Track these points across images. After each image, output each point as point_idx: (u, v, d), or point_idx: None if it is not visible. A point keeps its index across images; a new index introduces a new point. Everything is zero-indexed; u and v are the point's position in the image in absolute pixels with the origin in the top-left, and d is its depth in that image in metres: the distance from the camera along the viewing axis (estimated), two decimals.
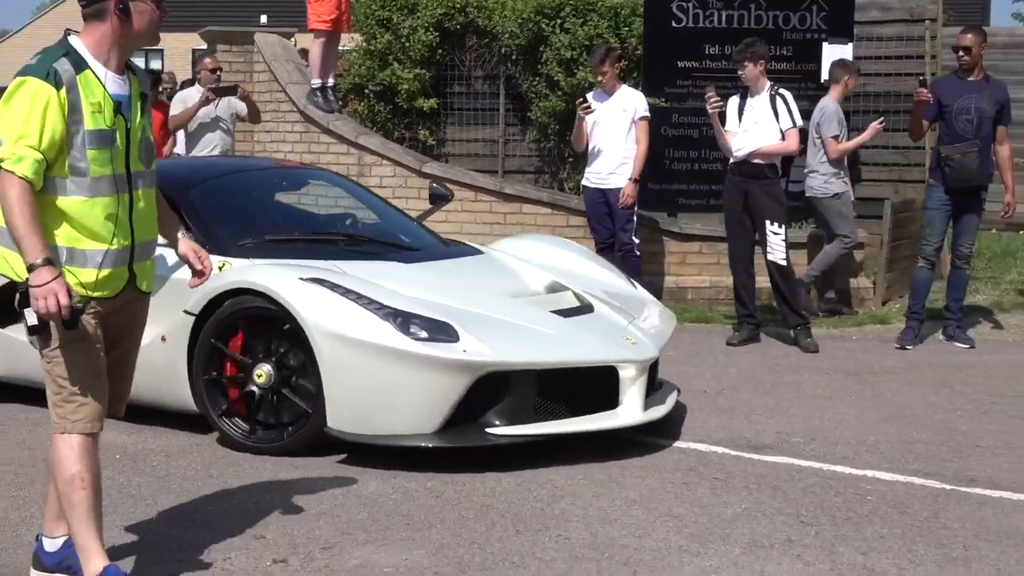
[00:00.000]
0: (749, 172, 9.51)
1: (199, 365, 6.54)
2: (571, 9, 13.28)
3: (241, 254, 6.90)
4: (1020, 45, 15.60)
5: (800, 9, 11.33)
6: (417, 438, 6.15)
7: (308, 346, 6.18)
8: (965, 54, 9.65)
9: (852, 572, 4.94)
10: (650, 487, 5.96)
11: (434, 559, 4.98)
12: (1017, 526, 5.52)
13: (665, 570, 4.93)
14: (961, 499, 5.88)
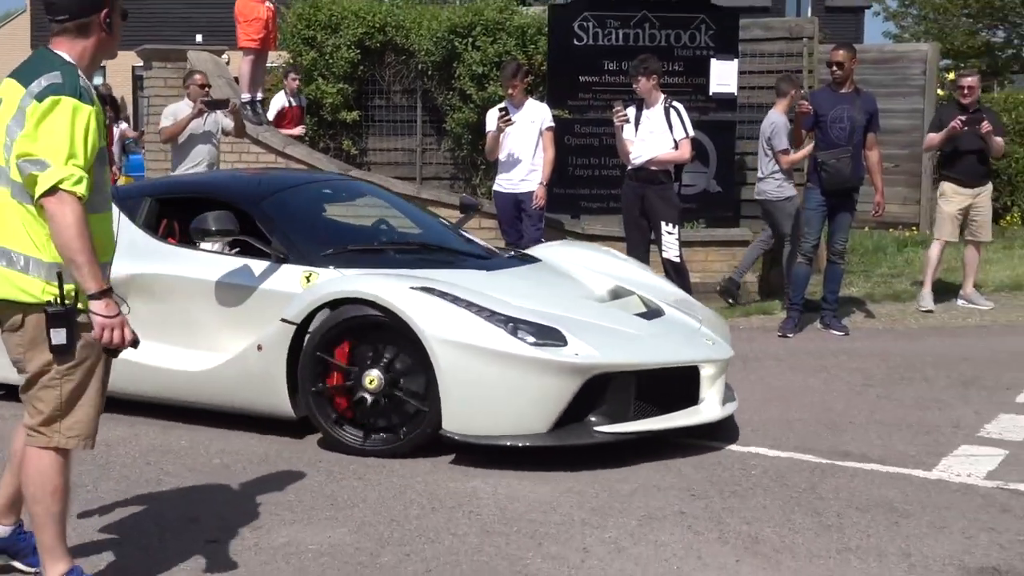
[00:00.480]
0: (645, 178, 9.55)
1: (306, 377, 6.14)
2: (481, 28, 13.31)
3: (325, 263, 6.56)
4: (889, 61, 15.85)
5: (690, 28, 11.41)
6: (531, 438, 5.90)
7: (422, 352, 5.87)
8: (838, 69, 9.80)
9: (737, 540, 4.99)
10: (555, 466, 5.96)
11: (356, 536, 4.96)
12: (885, 496, 5.60)
13: (568, 541, 4.94)
14: (836, 472, 5.96)
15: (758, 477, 5.84)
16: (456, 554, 4.79)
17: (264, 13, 12.20)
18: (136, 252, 6.71)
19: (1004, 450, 6.39)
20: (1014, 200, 16.90)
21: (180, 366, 6.53)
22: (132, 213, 7.04)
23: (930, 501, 5.54)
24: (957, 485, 5.80)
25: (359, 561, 4.69)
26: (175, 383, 6.56)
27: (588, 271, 7.40)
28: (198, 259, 6.79)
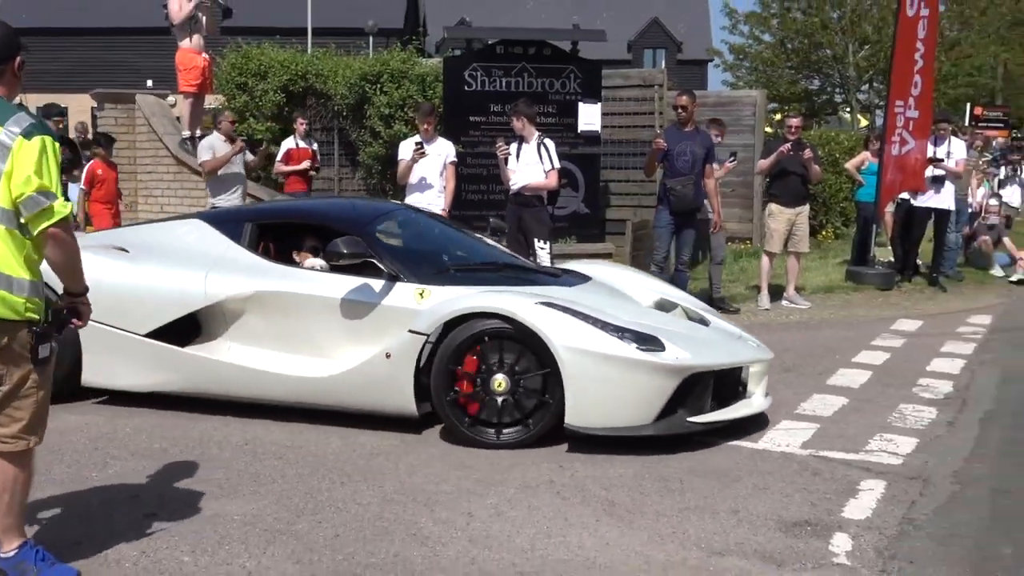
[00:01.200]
0: (522, 201, 9.56)
1: (440, 385, 5.88)
2: (388, 76, 13.25)
3: (433, 282, 6.33)
4: (726, 104, 16.06)
5: (561, 77, 11.48)
6: (640, 428, 5.80)
7: (547, 357, 5.73)
8: (682, 111, 9.93)
9: (597, 503, 5.00)
10: (448, 444, 5.92)
11: (275, 507, 4.86)
12: (720, 464, 5.66)
13: (456, 507, 4.91)
14: (681, 445, 5.94)
15: (616, 451, 5.82)
16: (360, 520, 4.72)
17: (201, 62, 11.98)
18: (252, 271, 6.52)
19: (816, 424, 6.50)
20: (828, 218, 17.28)
21: (307, 373, 6.25)
22: (236, 236, 6.77)
23: (756, 467, 5.61)
24: (778, 454, 5.88)
25: (277, 528, 4.60)
26: (303, 388, 6.27)
27: (632, 285, 7.29)
28: (318, 278, 6.50)
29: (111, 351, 6.48)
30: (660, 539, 4.59)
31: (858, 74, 26.22)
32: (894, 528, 4.77)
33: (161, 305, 6.46)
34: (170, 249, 6.78)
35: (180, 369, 6.44)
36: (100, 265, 6.42)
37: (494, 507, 4.92)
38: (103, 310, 6.16)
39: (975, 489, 5.35)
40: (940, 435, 6.31)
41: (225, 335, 6.48)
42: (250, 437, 6.00)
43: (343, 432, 6.09)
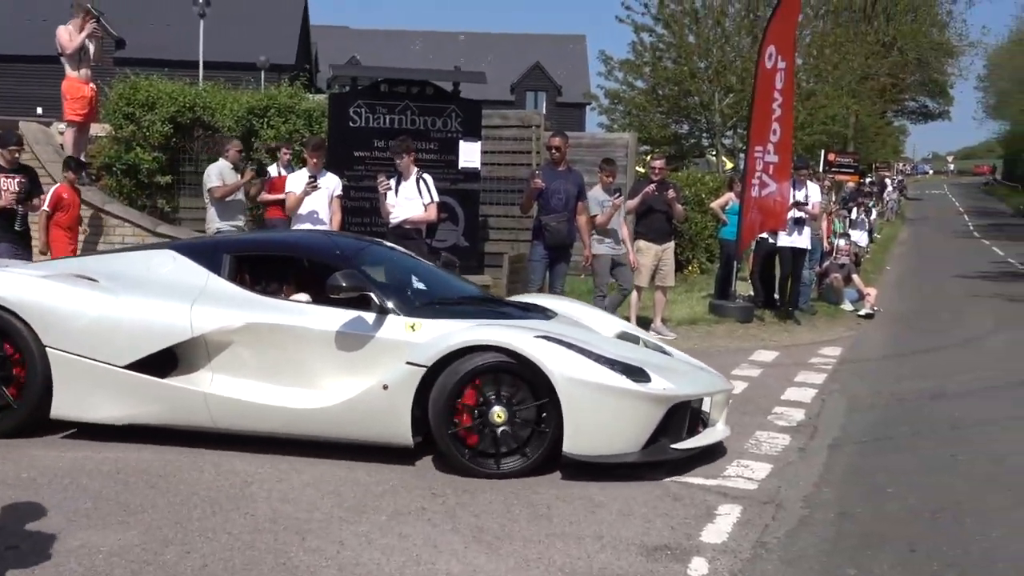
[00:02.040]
0: (402, 234, 9.46)
1: (440, 421, 5.69)
2: (275, 111, 13.06)
3: (423, 315, 6.12)
4: (600, 145, 16.24)
5: (443, 116, 11.42)
6: (629, 456, 5.74)
7: (546, 388, 5.64)
8: (556, 151, 9.98)
9: (467, 530, 4.90)
10: (321, 472, 5.73)
11: (143, 537, 4.62)
12: (586, 490, 5.59)
13: (327, 535, 4.75)
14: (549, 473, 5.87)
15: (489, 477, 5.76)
16: (230, 550, 4.52)
17: (88, 92, 11.60)
18: (239, 303, 6.18)
19: None
20: (694, 254, 17.59)
21: (301, 405, 5.94)
22: (216, 267, 6.39)
23: (620, 493, 5.57)
24: (642, 480, 5.86)
25: (144, 560, 4.37)
26: (297, 420, 5.95)
27: (591, 319, 7.16)
28: (310, 311, 6.18)
29: (86, 383, 6.09)
30: (526, 565, 4.51)
31: (723, 120, 26.85)
32: (748, 551, 4.79)
33: (143, 337, 6.08)
34: (146, 280, 6.35)
35: (163, 401, 6.07)
36: (76, 296, 6.18)
37: (365, 535, 4.78)
38: (78, 342, 6.07)
39: (823, 513, 5.42)
40: (792, 461, 6.40)
41: (207, 367, 6.12)
42: (122, 466, 5.71)
43: (217, 459, 5.87)
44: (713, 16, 26.44)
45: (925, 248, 28.56)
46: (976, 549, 4.94)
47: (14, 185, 9.27)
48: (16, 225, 9.31)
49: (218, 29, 37.70)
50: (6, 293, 6.15)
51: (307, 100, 13.46)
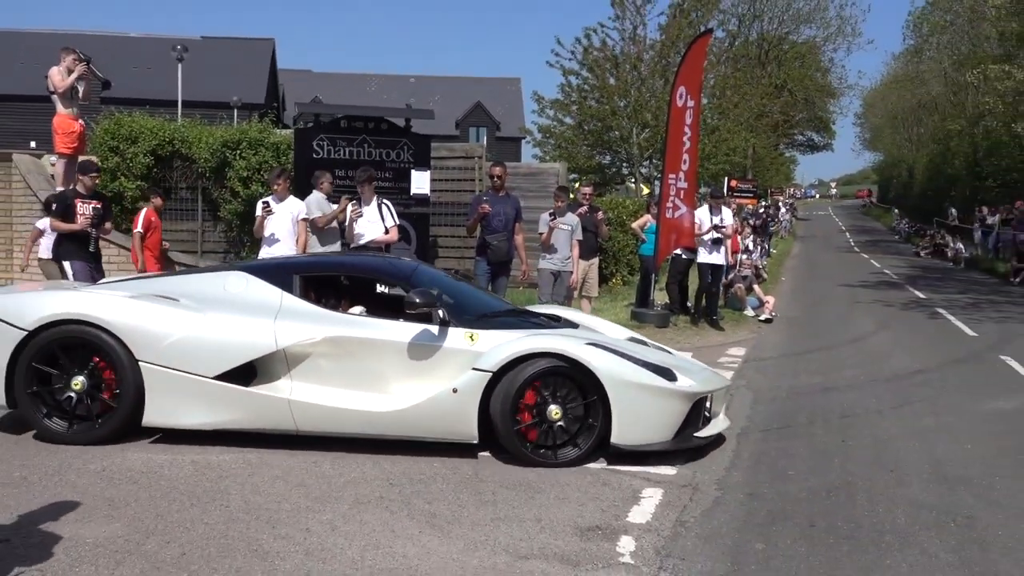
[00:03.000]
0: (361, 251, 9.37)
1: (507, 419, 5.72)
2: (247, 144, 12.86)
3: (477, 326, 6.11)
4: (534, 174, 16.22)
5: (396, 148, 11.32)
6: (663, 445, 5.91)
7: (596, 388, 5.77)
8: (497, 179, 9.91)
9: (420, 515, 4.80)
10: (289, 465, 5.59)
11: (127, 529, 4.45)
12: (526, 477, 5.54)
13: (296, 523, 4.62)
14: (493, 463, 5.85)
15: (438, 468, 5.66)
16: (207, 539, 4.37)
17: (77, 127, 11.26)
18: (316, 319, 6.06)
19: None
20: (617, 269, 17.61)
21: (377, 408, 5.87)
22: (288, 287, 6.26)
23: (557, 480, 5.52)
24: (576, 467, 5.80)
25: (127, 550, 4.20)
26: (374, 422, 5.88)
27: (601, 327, 7.16)
28: (383, 324, 6.07)
29: (177, 394, 5.90)
30: (474, 546, 4.43)
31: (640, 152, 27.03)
32: (669, 529, 4.75)
33: (231, 350, 5.92)
34: (224, 299, 6.20)
35: (250, 408, 5.92)
36: (166, 314, 5.99)
37: (329, 522, 4.66)
38: (170, 356, 5.87)
39: (734, 494, 5.41)
40: (707, 449, 6.38)
41: (288, 376, 5.98)
42: (107, 464, 5.51)
43: (195, 456, 5.69)
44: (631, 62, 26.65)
45: (814, 261, 28.99)
46: (866, 523, 4.96)
47: (90, 210, 9.08)
48: (90, 247, 9.12)
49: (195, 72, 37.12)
50: (100, 313, 5.89)
51: (275, 135, 13.27)
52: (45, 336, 5.84)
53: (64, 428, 5.91)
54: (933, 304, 16.73)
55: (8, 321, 5.88)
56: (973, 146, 39.41)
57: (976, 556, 4.53)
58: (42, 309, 5.89)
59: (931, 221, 39.45)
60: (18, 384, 5.87)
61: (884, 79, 63.15)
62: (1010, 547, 4.66)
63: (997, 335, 12.69)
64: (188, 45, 32.00)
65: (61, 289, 6.49)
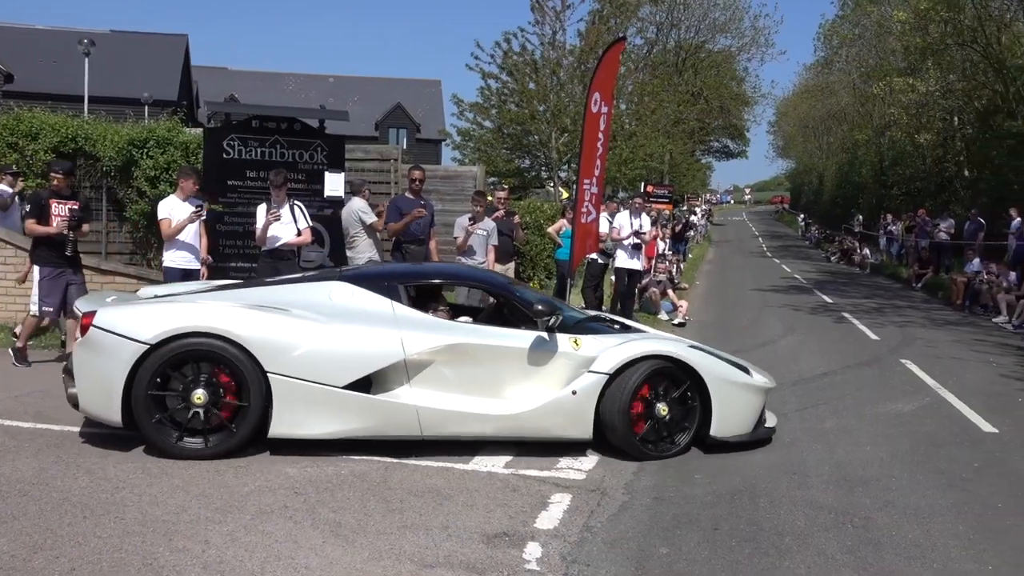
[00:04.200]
0: (279, 255, 9.20)
1: (622, 417, 6.16)
2: (154, 142, 12.49)
3: (575, 332, 6.49)
4: (452, 177, 16.20)
5: (310, 149, 11.10)
6: (746, 436, 6.60)
7: (699, 385, 6.35)
8: (416, 182, 9.84)
9: (325, 525, 4.72)
10: (191, 476, 5.42)
11: (12, 545, 4.26)
12: (435, 484, 5.50)
13: (194, 536, 4.49)
14: (403, 468, 5.80)
15: (345, 476, 5.58)
16: (99, 553, 4.22)
17: None
18: (434, 328, 6.23)
19: (518, 446, 6.38)
20: (534, 272, 17.66)
21: (499, 411, 6.11)
22: (395, 296, 6.38)
23: (465, 486, 5.49)
24: (484, 473, 5.79)
25: (12, 566, 4.02)
26: (497, 424, 6.12)
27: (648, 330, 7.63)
28: (500, 332, 6.34)
29: (304, 404, 5.83)
30: (379, 556, 4.37)
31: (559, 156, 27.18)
32: (576, 535, 4.77)
33: (360, 360, 5.95)
34: (334, 309, 6.19)
35: (377, 415, 5.97)
36: (293, 326, 5.91)
37: (230, 534, 4.54)
38: (299, 367, 5.82)
39: (641, 498, 5.46)
40: (616, 453, 6.43)
41: (409, 383, 6.06)
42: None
43: (91, 466, 5.49)
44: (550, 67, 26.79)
45: (728, 266, 29.57)
46: (768, 526, 5.05)
47: (66, 211, 8.53)
48: (67, 251, 8.56)
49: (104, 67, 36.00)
50: (227, 324, 5.76)
51: (184, 133, 12.92)
52: (168, 349, 5.67)
53: (201, 444, 5.75)
54: (839, 308, 17.22)
55: (126, 335, 5.66)
56: (879, 155, 40.72)
57: (871, 556, 4.66)
58: (165, 322, 5.71)
59: (840, 227, 40.65)
60: (137, 400, 5.63)
61: (796, 89, 65.03)
62: (903, 547, 4.81)
63: (898, 339, 13.13)
64: (96, 39, 31.01)
65: (177, 301, 6.20)
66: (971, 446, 7.09)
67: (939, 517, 5.32)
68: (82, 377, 5.74)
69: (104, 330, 5.69)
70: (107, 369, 5.64)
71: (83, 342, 5.76)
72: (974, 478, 6.19)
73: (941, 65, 29.16)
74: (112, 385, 5.62)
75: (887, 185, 38.33)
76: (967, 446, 7.09)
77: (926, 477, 6.16)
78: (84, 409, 5.81)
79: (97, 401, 5.71)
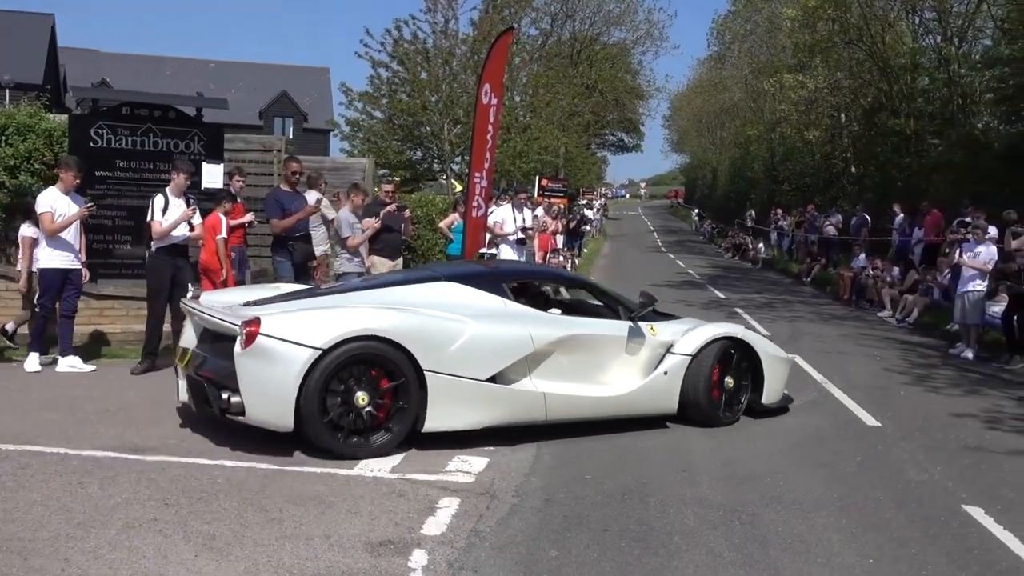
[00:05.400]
0: (177, 251, 9.04)
1: (703, 390, 7.39)
2: (14, 129, 11.84)
3: (648, 319, 7.58)
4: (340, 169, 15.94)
5: (186, 139, 10.76)
6: (782, 402, 8.17)
7: (756, 363, 7.76)
8: (295, 175, 9.66)
9: (198, 538, 4.57)
10: (51, 489, 5.19)
11: None
12: (317, 491, 5.40)
13: (53, 553, 4.29)
14: (284, 476, 5.67)
15: (221, 485, 5.42)
16: None
17: None
18: (542, 321, 7.05)
19: (406, 449, 6.34)
20: None
21: (607, 393, 7.10)
22: (503, 294, 7.17)
23: (349, 493, 5.41)
24: (370, 479, 5.72)
25: None
26: (606, 406, 7.11)
27: None
28: (602, 324, 7.38)
29: (454, 398, 6.39)
30: (256, 569, 4.25)
31: (452, 148, 27.10)
32: (464, 541, 4.75)
33: (500, 353, 6.60)
34: (455, 306, 6.76)
35: (510, 404, 6.63)
36: (440, 325, 6.41)
37: (93, 550, 4.35)
38: (451, 364, 6.36)
39: (531, 500, 5.48)
40: (506, 454, 6.45)
41: (531, 373, 6.78)
42: None
43: None
44: (442, 56, 26.67)
45: (623, 261, 30.06)
46: (657, 525, 5.14)
47: None
48: None
49: None
50: (391, 326, 6.16)
51: (48, 120, 12.30)
52: (340, 352, 5.97)
53: (363, 442, 6.12)
54: (732, 304, 17.69)
55: (297, 341, 5.93)
56: (771, 151, 42.07)
57: (757, 553, 4.78)
58: (335, 327, 6.03)
59: (733, 222, 41.80)
60: (308, 403, 5.90)
61: (690, 83, 66.58)
62: (788, 543, 4.96)
63: (788, 333, 13.57)
64: None
65: (331, 307, 6.44)
66: (855, 439, 7.38)
67: (823, 511, 5.50)
68: (250, 385, 5.92)
69: (274, 338, 5.92)
70: (279, 375, 5.88)
71: (250, 351, 5.91)
72: (857, 471, 6.44)
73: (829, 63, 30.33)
74: (285, 391, 5.88)
75: (778, 180, 39.65)
76: (851, 440, 7.37)
77: (811, 472, 6.37)
78: (251, 416, 5.99)
79: (268, 408, 5.95)
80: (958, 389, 9.82)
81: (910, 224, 19.70)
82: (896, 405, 8.82)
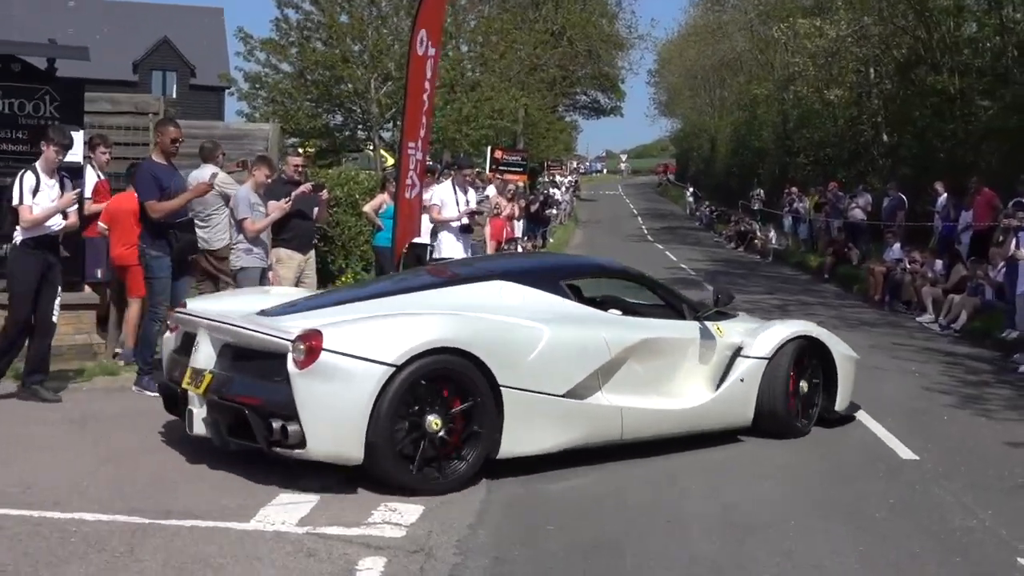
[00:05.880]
0: (48, 244, 8.92)
1: (781, 396, 8.08)
2: None
3: (713, 319, 8.19)
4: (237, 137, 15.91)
5: (34, 99, 10.62)
6: (851, 410, 8.99)
7: (829, 362, 8.60)
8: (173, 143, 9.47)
9: None
10: None
11: None
12: (204, 551, 5.32)
13: None
14: (157, 532, 5.57)
15: (76, 544, 5.32)
16: None
17: None
18: (611, 323, 7.55)
19: (318, 495, 6.29)
20: (347, 263, 17.45)
21: (684, 405, 7.60)
22: (562, 293, 7.54)
23: (244, 552, 5.35)
24: (271, 534, 5.65)
25: None
26: (685, 419, 7.61)
27: None
28: (674, 325, 7.92)
29: (530, 417, 6.62)
30: None
31: (381, 111, 26.99)
32: None
33: (576, 364, 6.91)
34: (512, 309, 7.02)
35: (588, 422, 6.98)
36: (513, 333, 6.72)
37: None
38: (527, 377, 6.64)
39: (477, 559, 5.46)
40: (446, 500, 6.40)
41: (604, 384, 7.12)
42: None
43: None
44: None
45: (599, 253, 30.16)
46: None
47: None
48: None
49: None
50: (468, 337, 6.40)
51: None
52: (413, 370, 6.20)
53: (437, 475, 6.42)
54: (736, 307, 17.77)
55: (367, 357, 6.11)
56: (782, 115, 42.50)
57: None
58: (408, 339, 6.24)
59: (736, 204, 42.16)
60: (379, 429, 6.09)
61: (682, 30, 67.07)
62: None
63: None
64: None
65: (408, 314, 6.68)
66: (887, 478, 7.45)
67: (847, 571, 5.54)
68: (314, 411, 6.05)
69: (340, 353, 6.08)
70: (350, 398, 6.07)
71: (312, 371, 6.05)
72: (889, 517, 6.50)
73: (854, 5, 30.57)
74: (355, 417, 6.07)
75: (792, 152, 40.08)
76: (882, 478, 7.44)
77: (832, 520, 6.42)
78: (313, 450, 6.14)
79: (334, 437, 6.12)
80: (1015, 412, 9.97)
81: (955, 206, 19.92)
82: (938, 433, 8.94)
